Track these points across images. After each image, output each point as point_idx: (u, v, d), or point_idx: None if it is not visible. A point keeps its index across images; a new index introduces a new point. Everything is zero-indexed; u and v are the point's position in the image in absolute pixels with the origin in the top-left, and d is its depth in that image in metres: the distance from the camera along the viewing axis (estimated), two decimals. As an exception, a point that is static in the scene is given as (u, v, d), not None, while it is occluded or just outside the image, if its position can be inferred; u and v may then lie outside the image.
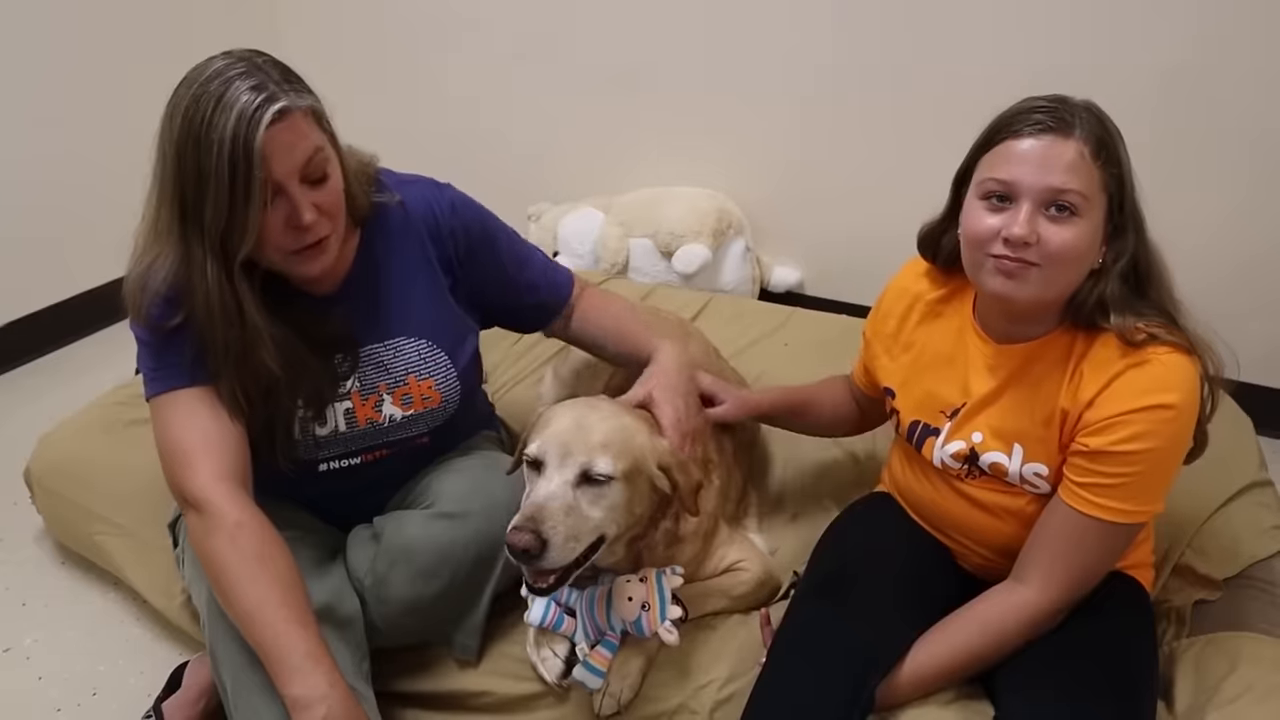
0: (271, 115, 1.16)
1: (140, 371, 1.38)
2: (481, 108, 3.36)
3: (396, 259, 1.48)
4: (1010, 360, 1.32)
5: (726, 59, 2.95)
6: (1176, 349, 1.19)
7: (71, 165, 3.01)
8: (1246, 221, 2.47)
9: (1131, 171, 1.22)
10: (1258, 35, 2.30)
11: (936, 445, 1.40)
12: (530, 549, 1.21)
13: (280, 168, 1.20)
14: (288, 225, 1.24)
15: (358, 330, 1.45)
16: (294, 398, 1.38)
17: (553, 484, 1.27)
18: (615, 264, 3.04)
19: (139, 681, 1.81)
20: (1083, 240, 1.18)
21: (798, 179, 3.05)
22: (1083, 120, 1.19)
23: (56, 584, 2.07)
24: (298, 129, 1.22)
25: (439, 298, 1.53)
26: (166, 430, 1.32)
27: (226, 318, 1.26)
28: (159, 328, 1.30)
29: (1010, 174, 1.19)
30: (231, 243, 1.22)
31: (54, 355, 3.06)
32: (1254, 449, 1.90)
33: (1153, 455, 1.19)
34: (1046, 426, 1.27)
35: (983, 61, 2.59)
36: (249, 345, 1.29)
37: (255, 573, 1.22)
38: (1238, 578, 1.59)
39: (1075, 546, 1.25)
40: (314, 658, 1.19)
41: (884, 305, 1.54)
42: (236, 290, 1.26)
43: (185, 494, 1.28)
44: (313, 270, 1.32)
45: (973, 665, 1.31)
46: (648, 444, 1.35)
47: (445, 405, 1.53)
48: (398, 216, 1.49)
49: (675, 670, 1.45)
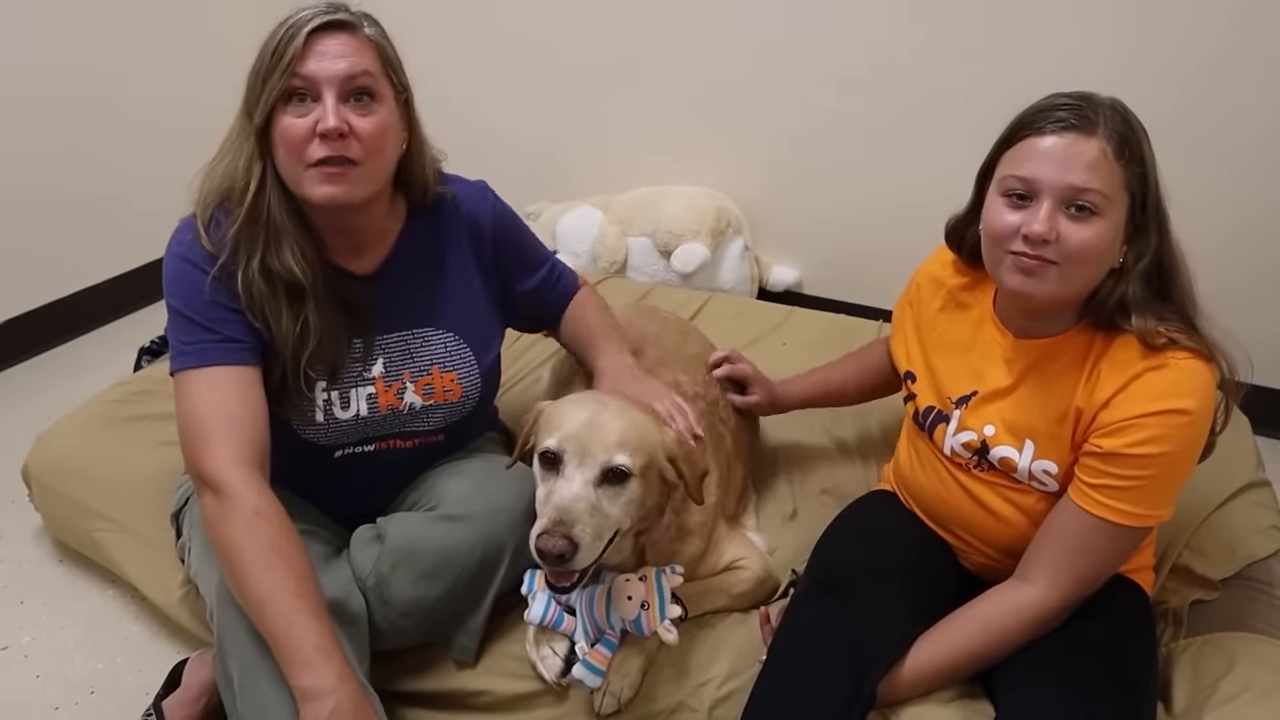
0: (320, 21, 1.29)
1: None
2: (481, 105, 3.36)
3: (439, 251, 1.53)
4: (1027, 355, 1.33)
5: (727, 58, 2.95)
6: (1195, 355, 1.19)
7: (70, 163, 3.01)
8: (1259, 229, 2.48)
9: (1156, 170, 1.21)
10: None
11: (948, 433, 1.41)
12: (564, 553, 1.22)
13: (316, 69, 1.29)
14: (314, 134, 1.29)
15: (391, 314, 1.48)
16: (318, 368, 1.40)
17: (575, 484, 1.27)
18: (614, 263, 3.04)
19: (137, 680, 1.81)
20: (1103, 239, 1.18)
21: (796, 178, 3.06)
22: (1107, 118, 1.18)
23: (55, 582, 2.06)
24: (348, 45, 1.31)
25: (472, 295, 1.57)
26: (190, 407, 1.31)
27: (255, 199, 1.33)
28: (201, 295, 1.33)
29: (1031, 171, 1.20)
30: (255, 117, 1.30)
31: (53, 352, 3.06)
32: (1251, 449, 1.90)
33: (1166, 460, 1.19)
34: (1060, 424, 1.28)
35: (984, 62, 2.59)
36: (271, 241, 1.34)
37: (271, 561, 1.22)
38: (1235, 578, 1.60)
39: (1083, 547, 1.25)
40: (325, 650, 1.19)
41: (912, 289, 1.56)
42: (265, 170, 1.33)
43: (203, 473, 1.27)
44: (322, 193, 1.32)
45: (974, 663, 1.31)
46: (658, 438, 1.36)
47: (465, 401, 1.54)
48: (449, 210, 1.54)
49: (674, 669, 1.46)
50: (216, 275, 1.33)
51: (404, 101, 1.42)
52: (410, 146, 1.45)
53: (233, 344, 1.33)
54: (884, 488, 1.65)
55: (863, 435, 2.05)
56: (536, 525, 1.26)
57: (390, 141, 1.38)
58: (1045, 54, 2.50)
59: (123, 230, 3.20)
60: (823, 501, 1.85)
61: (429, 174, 1.50)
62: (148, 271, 3.26)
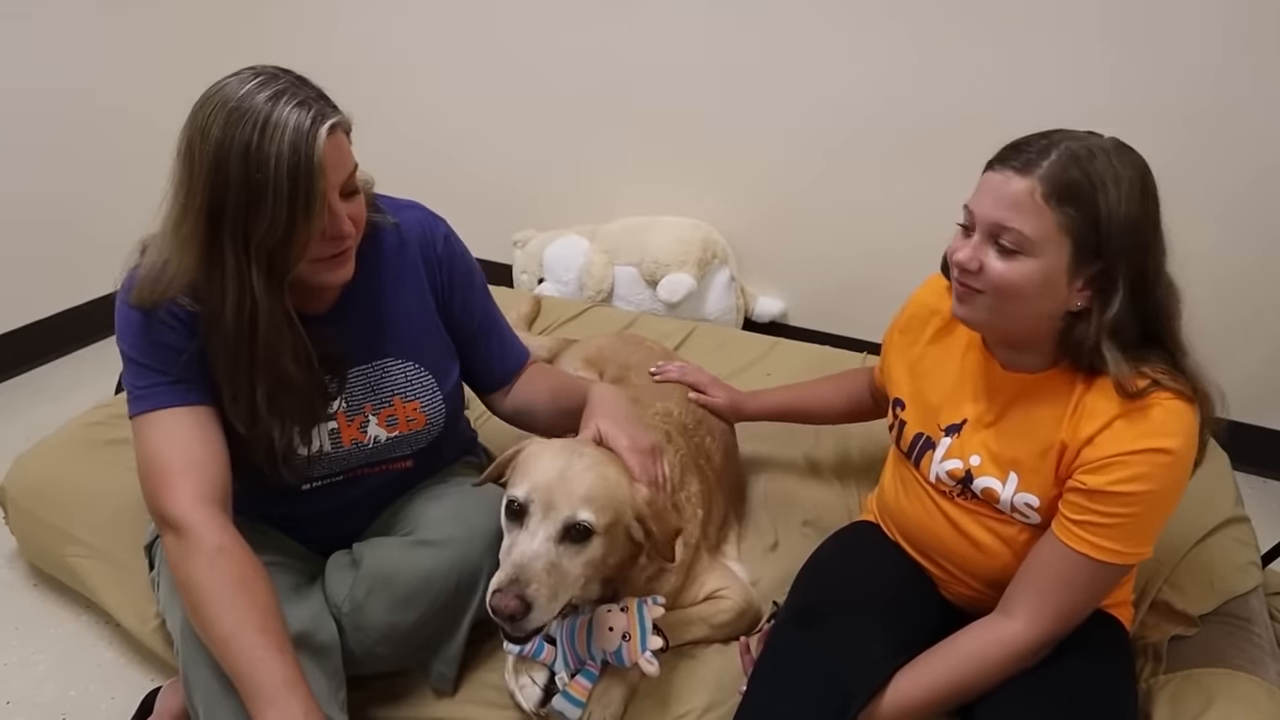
0: (326, 130, 1.20)
1: (124, 389, 1.38)
2: (468, 134, 3.38)
3: (389, 280, 1.50)
4: (1012, 386, 1.34)
5: (717, 92, 2.98)
6: (1178, 395, 1.19)
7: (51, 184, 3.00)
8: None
9: (1138, 221, 1.17)
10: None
11: (934, 459, 1.41)
12: (516, 613, 1.20)
13: (331, 181, 1.24)
14: (325, 235, 1.27)
15: (348, 350, 1.46)
16: (283, 416, 1.38)
17: (536, 541, 1.25)
18: (600, 291, 3.05)
19: (110, 707, 1.78)
20: (1025, 278, 1.19)
21: (783, 209, 3.08)
22: (1053, 160, 1.16)
23: (28, 606, 2.04)
24: (342, 145, 1.27)
25: (428, 321, 1.54)
26: (149, 449, 1.31)
27: (272, 324, 1.27)
28: (150, 339, 1.30)
29: (972, 203, 1.24)
30: (284, 253, 1.23)
31: (32, 374, 3.04)
32: (1231, 485, 1.91)
33: (1149, 498, 1.19)
34: (1043, 457, 1.28)
35: (973, 102, 2.63)
36: (277, 351, 1.30)
37: (233, 598, 1.21)
38: (1214, 614, 1.60)
39: (1064, 583, 1.25)
40: (290, 685, 1.17)
41: (904, 317, 1.56)
42: (285, 300, 1.28)
43: (165, 514, 1.26)
44: (339, 278, 1.34)
45: (955, 697, 1.30)
46: (627, 495, 1.34)
47: (430, 428, 1.53)
48: (392, 239, 1.50)
49: (655, 699, 1.45)
50: (161, 317, 1.31)
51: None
52: None
53: (186, 384, 1.32)
54: (866, 518, 1.65)
55: (844, 466, 2.06)
56: (494, 578, 1.25)
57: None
58: (1035, 98, 2.53)
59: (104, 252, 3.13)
60: (805, 533, 1.84)
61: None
62: (131, 293, 3.24)
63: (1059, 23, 2.46)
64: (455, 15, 3.23)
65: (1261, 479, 2.64)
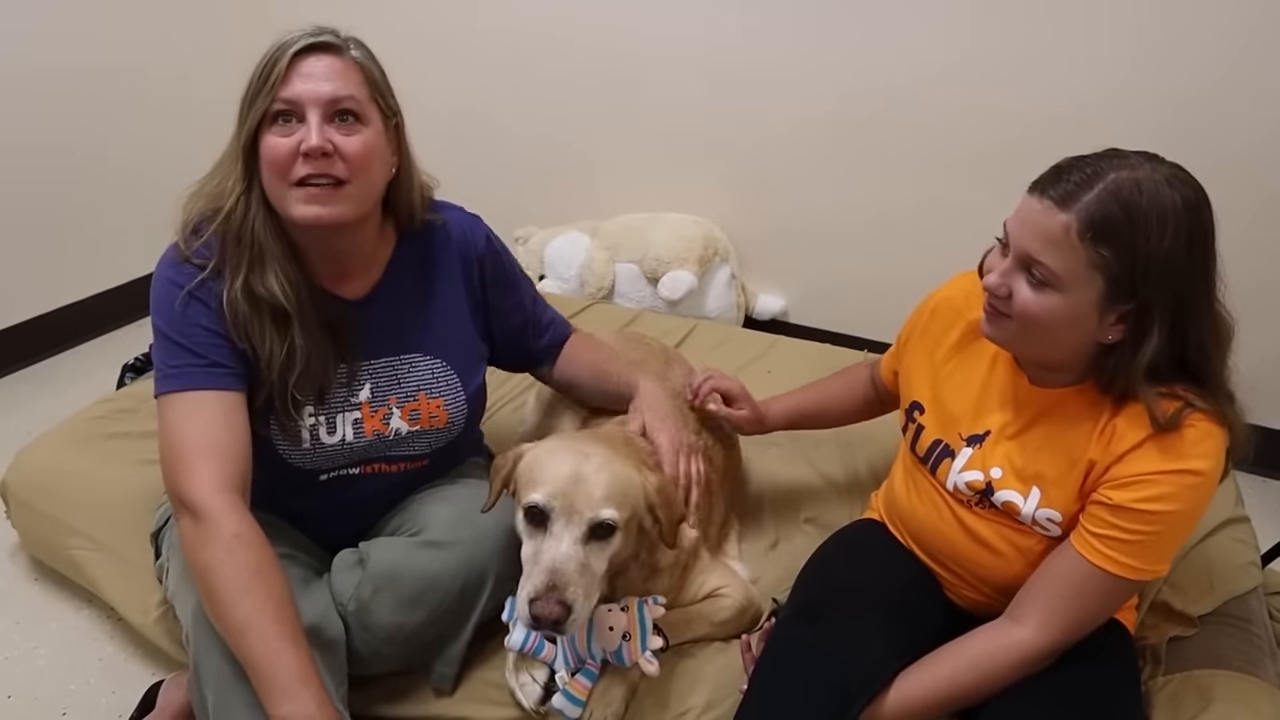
0: (306, 44, 1.31)
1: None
2: (469, 129, 3.38)
3: (429, 277, 1.53)
4: (1040, 400, 1.32)
5: (717, 88, 2.98)
6: (1209, 416, 1.18)
7: (56, 178, 3.00)
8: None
9: (1175, 263, 1.11)
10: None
11: (953, 469, 1.39)
12: (560, 619, 1.22)
13: (301, 90, 1.30)
14: (297, 153, 1.29)
15: (378, 340, 1.48)
16: (304, 392, 1.39)
17: (564, 544, 1.28)
18: (601, 288, 3.05)
19: (111, 701, 1.79)
20: (1051, 312, 1.16)
21: (784, 207, 3.08)
22: (1093, 196, 1.11)
23: (29, 601, 2.04)
24: (333, 67, 1.33)
25: (460, 322, 1.57)
26: (172, 430, 1.30)
27: (242, 220, 1.34)
28: (186, 317, 1.33)
29: (1010, 224, 1.20)
30: (254, 135, 1.32)
31: (35, 368, 3.04)
32: (1231, 485, 1.91)
33: (1172, 518, 1.19)
34: (1069, 472, 1.26)
35: (974, 101, 2.60)
36: (254, 261, 1.34)
37: (250, 586, 1.21)
38: (1213, 614, 1.60)
39: (1078, 594, 1.24)
40: (304, 678, 1.18)
41: (925, 315, 1.52)
42: (251, 191, 1.34)
43: (183, 497, 1.26)
44: (306, 213, 1.32)
45: (959, 700, 1.30)
46: (640, 487, 1.36)
47: (450, 427, 1.55)
48: (440, 237, 1.55)
49: (655, 698, 1.45)
50: (200, 295, 1.33)
51: (394, 126, 1.43)
52: (399, 171, 1.45)
53: (218, 368, 1.32)
54: (870, 516, 1.64)
55: (846, 464, 2.06)
56: (527, 586, 1.26)
57: (377, 163, 1.38)
58: (1036, 96, 2.50)
59: (108, 246, 3.19)
60: (805, 531, 1.85)
61: (417, 199, 1.50)
62: (133, 288, 3.25)
63: (1064, 13, 2.45)
64: (457, 10, 3.23)
65: (1261, 479, 2.64)
